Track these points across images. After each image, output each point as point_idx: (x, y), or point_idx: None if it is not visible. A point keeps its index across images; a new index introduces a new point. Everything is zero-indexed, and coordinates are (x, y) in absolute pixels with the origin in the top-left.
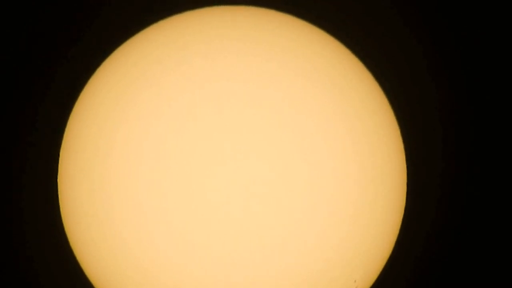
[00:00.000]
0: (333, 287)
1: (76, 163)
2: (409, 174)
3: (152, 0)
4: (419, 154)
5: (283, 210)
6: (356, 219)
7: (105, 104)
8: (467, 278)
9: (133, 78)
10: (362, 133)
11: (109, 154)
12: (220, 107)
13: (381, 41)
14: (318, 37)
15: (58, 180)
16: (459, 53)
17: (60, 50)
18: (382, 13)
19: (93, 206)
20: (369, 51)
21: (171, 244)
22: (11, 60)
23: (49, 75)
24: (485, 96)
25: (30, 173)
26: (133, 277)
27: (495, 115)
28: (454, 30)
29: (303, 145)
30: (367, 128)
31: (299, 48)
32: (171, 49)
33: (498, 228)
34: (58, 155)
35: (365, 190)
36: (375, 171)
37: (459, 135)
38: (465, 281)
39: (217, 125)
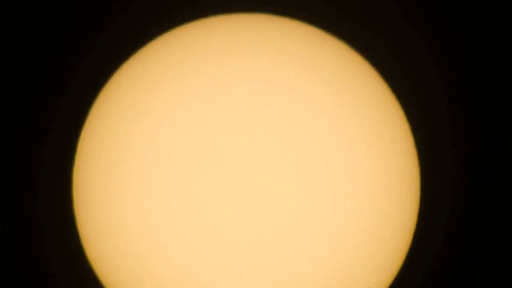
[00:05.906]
0: None
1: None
2: (422, 180)
3: (169, 8)
4: (432, 162)
5: (298, 217)
6: (370, 225)
7: (120, 109)
8: (479, 284)
9: (148, 83)
10: (375, 139)
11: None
12: (236, 113)
13: (392, 45)
14: (330, 44)
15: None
16: (469, 53)
17: (77, 56)
18: (392, 17)
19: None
20: (382, 56)
21: (181, 248)
22: (30, 63)
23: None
24: (494, 95)
25: (46, 175)
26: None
27: (505, 114)
28: (463, 31)
29: (319, 153)
30: (380, 135)
31: (313, 55)
32: (185, 57)
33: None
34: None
35: (379, 198)
36: (389, 178)
37: (471, 137)
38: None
39: (232, 130)
